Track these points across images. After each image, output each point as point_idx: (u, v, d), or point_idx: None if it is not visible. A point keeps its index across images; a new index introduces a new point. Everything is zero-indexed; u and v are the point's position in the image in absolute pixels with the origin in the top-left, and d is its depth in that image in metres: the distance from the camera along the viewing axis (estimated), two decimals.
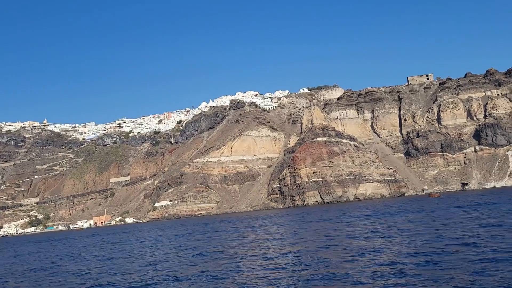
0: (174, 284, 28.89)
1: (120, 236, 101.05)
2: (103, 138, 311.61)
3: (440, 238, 36.49)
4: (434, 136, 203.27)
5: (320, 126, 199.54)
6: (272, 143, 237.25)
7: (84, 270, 40.76)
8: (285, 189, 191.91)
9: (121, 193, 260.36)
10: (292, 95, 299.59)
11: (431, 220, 52.79)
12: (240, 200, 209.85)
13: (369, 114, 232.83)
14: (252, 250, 40.38)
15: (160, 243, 62.38)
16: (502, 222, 42.09)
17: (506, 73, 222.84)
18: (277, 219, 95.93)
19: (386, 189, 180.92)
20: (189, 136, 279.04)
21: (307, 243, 41.08)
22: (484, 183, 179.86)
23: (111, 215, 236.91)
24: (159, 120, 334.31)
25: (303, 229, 58.83)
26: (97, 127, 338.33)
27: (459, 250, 29.53)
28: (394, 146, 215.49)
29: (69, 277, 36.35)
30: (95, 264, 45.11)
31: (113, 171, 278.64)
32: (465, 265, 24.89)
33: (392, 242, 37.59)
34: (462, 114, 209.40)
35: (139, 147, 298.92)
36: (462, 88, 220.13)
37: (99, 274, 37.15)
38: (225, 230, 73.31)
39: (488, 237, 33.30)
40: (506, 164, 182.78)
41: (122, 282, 31.98)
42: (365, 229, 50.36)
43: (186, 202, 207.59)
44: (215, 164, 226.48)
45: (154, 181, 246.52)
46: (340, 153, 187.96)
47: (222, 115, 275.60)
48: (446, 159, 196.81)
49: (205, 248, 48.79)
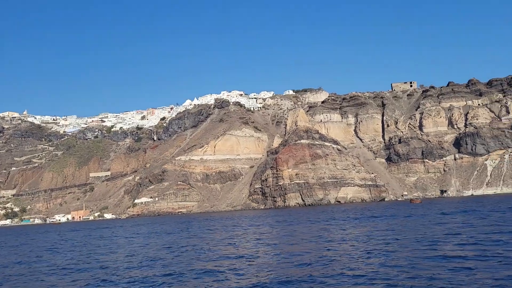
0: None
1: (103, 232, 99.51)
2: (84, 132, 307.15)
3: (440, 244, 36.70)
4: (416, 142, 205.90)
5: (304, 128, 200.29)
6: (256, 143, 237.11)
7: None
8: (267, 190, 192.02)
9: (101, 188, 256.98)
10: (277, 97, 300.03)
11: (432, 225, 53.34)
12: (221, 199, 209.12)
13: (352, 119, 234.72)
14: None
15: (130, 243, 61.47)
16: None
17: (487, 83, 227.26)
18: (264, 220, 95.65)
19: (367, 193, 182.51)
20: (172, 133, 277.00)
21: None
22: (462, 191, 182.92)
23: (89, 210, 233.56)
24: (142, 116, 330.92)
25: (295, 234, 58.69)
26: (79, 121, 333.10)
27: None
28: (376, 151, 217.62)
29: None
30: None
31: (93, 165, 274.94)
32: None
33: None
34: (444, 122, 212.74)
35: (120, 143, 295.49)
36: (444, 96, 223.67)
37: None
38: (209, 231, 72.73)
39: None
40: (484, 173, 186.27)
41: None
42: (361, 233, 50.55)
43: (167, 199, 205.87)
44: (198, 163, 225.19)
45: (135, 177, 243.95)
46: (323, 156, 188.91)
47: (207, 114, 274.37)
48: (426, 166, 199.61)
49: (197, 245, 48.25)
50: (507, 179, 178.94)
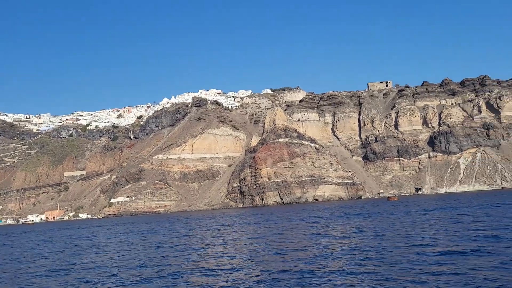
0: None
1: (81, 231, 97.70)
2: (59, 130, 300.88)
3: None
4: (391, 141, 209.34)
5: (282, 127, 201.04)
6: (234, 142, 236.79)
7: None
8: (245, 189, 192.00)
9: (76, 188, 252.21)
10: (255, 95, 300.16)
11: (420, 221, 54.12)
12: (199, 198, 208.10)
13: (330, 118, 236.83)
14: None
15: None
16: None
17: (460, 83, 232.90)
18: (247, 218, 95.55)
19: (344, 191, 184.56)
20: (149, 132, 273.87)
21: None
22: (436, 188, 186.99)
23: (64, 210, 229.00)
24: (119, 114, 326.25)
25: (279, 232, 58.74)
26: (53, 119, 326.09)
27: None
28: (353, 150, 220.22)
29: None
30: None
31: (68, 164, 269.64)
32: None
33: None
34: (418, 121, 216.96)
35: (96, 141, 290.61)
36: (419, 96, 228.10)
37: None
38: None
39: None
40: (458, 171, 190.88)
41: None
42: (351, 229, 51.03)
43: (144, 198, 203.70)
44: (175, 161, 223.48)
45: (111, 176, 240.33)
46: (301, 154, 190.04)
47: (184, 112, 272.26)
48: (401, 164, 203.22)
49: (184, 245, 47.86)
50: (479, 176, 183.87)
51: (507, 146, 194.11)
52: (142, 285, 26.94)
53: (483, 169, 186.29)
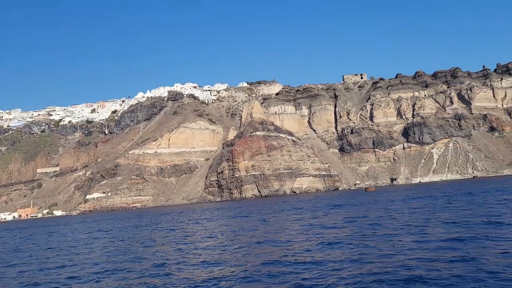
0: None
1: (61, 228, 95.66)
2: (30, 126, 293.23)
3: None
4: (367, 133, 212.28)
5: (259, 120, 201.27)
6: (211, 136, 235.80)
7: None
8: (223, 182, 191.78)
9: (49, 185, 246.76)
10: (231, 89, 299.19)
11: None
12: (176, 193, 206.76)
13: (306, 110, 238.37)
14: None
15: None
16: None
17: (432, 75, 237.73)
18: (229, 212, 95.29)
19: (321, 183, 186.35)
20: (124, 127, 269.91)
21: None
22: (411, 178, 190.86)
23: (37, 207, 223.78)
24: (92, 109, 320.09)
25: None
26: (24, 114, 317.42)
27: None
28: (329, 142, 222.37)
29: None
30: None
31: (41, 161, 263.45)
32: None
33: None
34: (393, 113, 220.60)
35: (70, 137, 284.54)
36: (393, 88, 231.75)
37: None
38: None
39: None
40: (431, 161, 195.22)
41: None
42: (342, 218, 51.20)
43: (121, 194, 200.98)
44: (152, 156, 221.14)
45: (86, 172, 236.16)
46: (278, 147, 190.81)
47: (160, 106, 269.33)
48: (377, 155, 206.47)
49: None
50: (452, 166, 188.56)
51: (478, 136, 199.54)
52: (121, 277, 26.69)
53: (455, 158, 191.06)
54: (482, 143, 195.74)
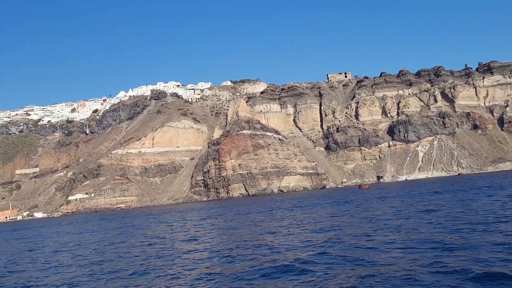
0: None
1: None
2: (8, 126, 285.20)
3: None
4: (353, 131, 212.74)
5: (245, 118, 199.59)
6: (196, 135, 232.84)
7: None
8: (209, 182, 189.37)
9: (29, 186, 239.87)
10: (215, 88, 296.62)
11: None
12: (161, 193, 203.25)
13: (291, 109, 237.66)
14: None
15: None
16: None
17: (416, 74, 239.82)
18: (221, 211, 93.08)
19: (309, 181, 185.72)
20: (106, 126, 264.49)
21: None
22: (397, 176, 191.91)
23: (17, 209, 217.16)
24: (72, 108, 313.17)
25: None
26: (0, 114, 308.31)
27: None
28: (315, 140, 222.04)
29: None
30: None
31: (19, 162, 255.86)
32: None
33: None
34: (378, 111, 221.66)
35: (49, 137, 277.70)
36: (378, 86, 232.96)
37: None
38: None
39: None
40: (416, 158, 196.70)
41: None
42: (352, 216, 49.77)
43: (104, 195, 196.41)
44: (136, 156, 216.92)
45: (67, 173, 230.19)
46: (265, 146, 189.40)
47: (143, 105, 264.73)
48: (363, 153, 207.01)
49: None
50: (437, 163, 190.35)
51: (462, 134, 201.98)
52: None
53: (440, 156, 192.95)
54: (466, 141, 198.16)
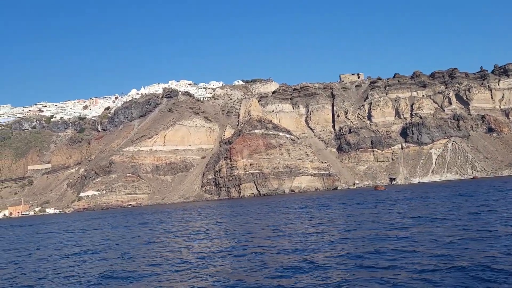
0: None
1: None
2: (21, 122, 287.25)
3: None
4: (365, 132, 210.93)
5: (257, 118, 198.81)
6: (207, 134, 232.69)
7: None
8: (220, 181, 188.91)
9: (41, 182, 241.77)
10: (226, 87, 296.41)
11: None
12: (172, 191, 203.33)
13: (303, 109, 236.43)
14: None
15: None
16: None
17: (430, 75, 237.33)
18: (238, 210, 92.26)
19: (320, 182, 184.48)
20: (118, 124, 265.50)
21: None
22: (410, 178, 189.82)
23: (29, 205, 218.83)
24: (85, 105, 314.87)
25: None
26: (14, 110, 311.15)
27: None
28: (327, 141, 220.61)
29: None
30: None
31: (32, 158, 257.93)
32: None
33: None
34: (391, 113, 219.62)
35: (61, 133, 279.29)
36: (391, 88, 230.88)
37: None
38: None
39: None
40: (430, 161, 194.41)
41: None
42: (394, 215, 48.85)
43: (116, 192, 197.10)
44: (147, 154, 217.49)
45: (79, 169, 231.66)
46: (277, 145, 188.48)
47: (155, 103, 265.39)
48: (375, 155, 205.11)
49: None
50: (451, 166, 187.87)
51: (477, 137, 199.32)
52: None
53: (454, 159, 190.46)
54: (480, 144, 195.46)
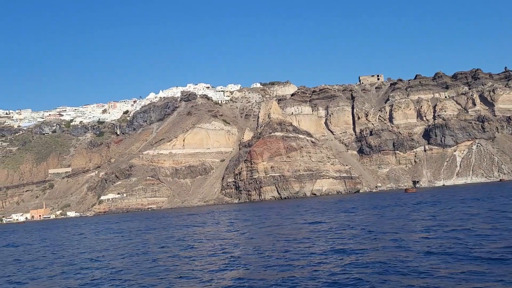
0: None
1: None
2: (41, 126, 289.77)
3: None
4: (387, 134, 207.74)
5: (277, 120, 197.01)
6: (226, 136, 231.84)
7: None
8: (240, 184, 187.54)
9: (61, 185, 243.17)
10: (244, 90, 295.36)
11: None
12: (192, 194, 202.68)
13: (323, 111, 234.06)
14: None
15: None
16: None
17: (452, 76, 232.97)
18: (266, 212, 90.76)
19: (342, 185, 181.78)
20: (137, 127, 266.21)
21: None
22: (434, 181, 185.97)
23: (50, 208, 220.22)
24: (104, 109, 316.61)
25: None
26: (34, 115, 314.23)
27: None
28: (347, 144, 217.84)
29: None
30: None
31: (52, 161, 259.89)
32: None
33: None
34: (413, 114, 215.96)
35: (81, 137, 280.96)
36: (413, 89, 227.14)
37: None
38: None
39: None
40: (454, 163, 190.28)
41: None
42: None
43: (136, 195, 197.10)
44: (167, 157, 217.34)
45: (99, 173, 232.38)
46: (297, 148, 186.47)
47: (173, 107, 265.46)
48: (397, 157, 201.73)
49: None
50: (476, 169, 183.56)
51: (502, 139, 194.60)
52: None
53: (480, 161, 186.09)
54: (507, 146, 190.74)
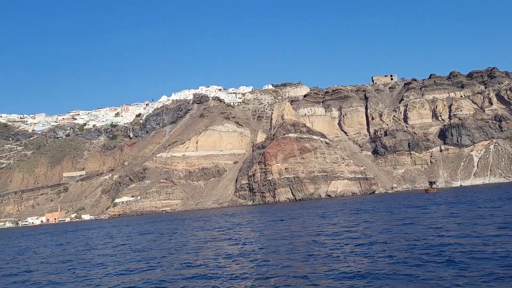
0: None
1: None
2: (55, 130, 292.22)
3: None
4: (401, 135, 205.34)
5: (291, 122, 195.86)
6: (239, 138, 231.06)
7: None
8: (254, 186, 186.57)
9: (76, 189, 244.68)
10: (256, 91, 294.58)
11: None
12: (206, 196, 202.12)
13: (336, 112, 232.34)
14: None
15: None
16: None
17: (468, 75, 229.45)
18: (288, 213, 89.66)
19: (357, 186, 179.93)
20: (150, 130, 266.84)
21: None
22: (450, 182, 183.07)
23: (65, 211, 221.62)
24: (116, 113, 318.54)
25: None
26: (48, 119, 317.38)
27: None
28: (361, 144, 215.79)
29: None
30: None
31: (67, 165, 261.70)
32: None
33: None
34: (428, 114, 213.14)
35: (94, 141, 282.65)
36: (427, 89, 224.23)
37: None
38: None
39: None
40: (471, 163, 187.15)
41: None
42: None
43: (150, 198, 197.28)
44: (180, 159, 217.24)
45: (113, 176, 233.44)
46: (311, 149, 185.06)
47: (186, 109, 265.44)
48: (413, 158, 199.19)
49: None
50: (494, 169, 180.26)
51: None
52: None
53: (498, 161, 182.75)
54: None
